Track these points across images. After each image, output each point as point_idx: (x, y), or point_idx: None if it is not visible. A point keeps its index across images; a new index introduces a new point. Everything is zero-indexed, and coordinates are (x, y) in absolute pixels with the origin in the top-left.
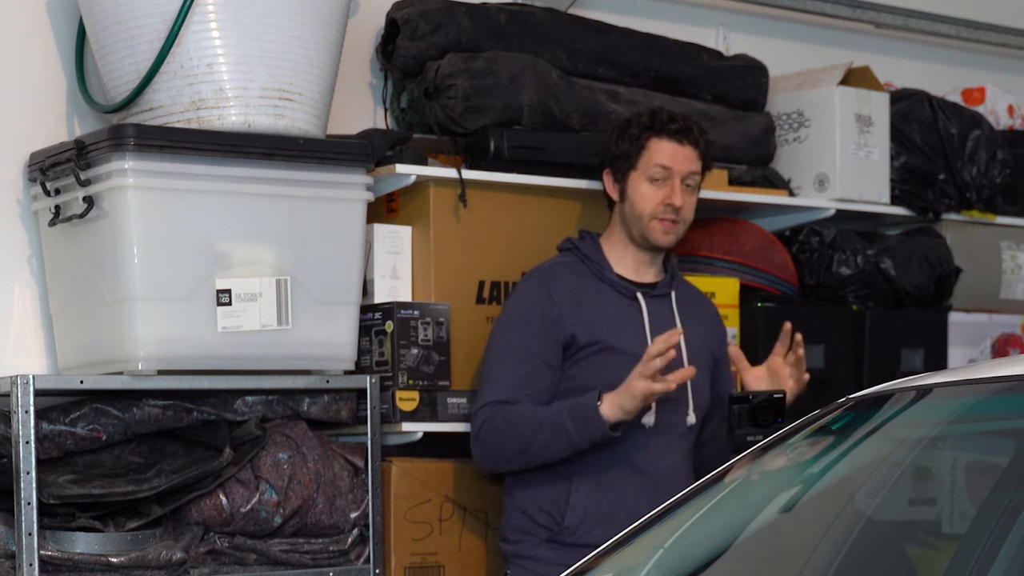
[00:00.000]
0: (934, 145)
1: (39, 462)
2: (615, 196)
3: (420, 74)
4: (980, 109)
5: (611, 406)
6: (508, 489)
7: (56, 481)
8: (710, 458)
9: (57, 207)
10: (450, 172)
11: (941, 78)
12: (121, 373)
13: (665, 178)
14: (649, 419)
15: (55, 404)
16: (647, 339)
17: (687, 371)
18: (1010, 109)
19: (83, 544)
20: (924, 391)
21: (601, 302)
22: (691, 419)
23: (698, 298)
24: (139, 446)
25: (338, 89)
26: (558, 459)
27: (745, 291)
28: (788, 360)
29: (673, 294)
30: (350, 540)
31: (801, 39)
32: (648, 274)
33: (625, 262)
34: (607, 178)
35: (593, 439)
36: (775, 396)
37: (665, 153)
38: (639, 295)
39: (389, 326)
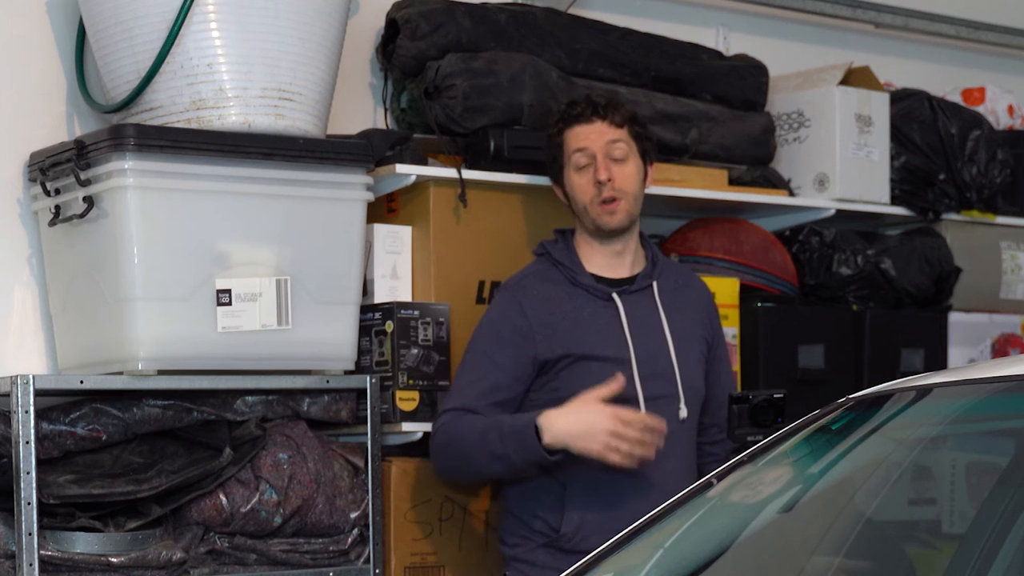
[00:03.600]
0: (934, 145)
1: (39, 462)
2: (564, 200)
3: (420, 74)
4: (980, 109)
5: (556, 438)
6: (502, 495)
7: (56, 481)
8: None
9: (57, 207)
10: (450, 172)
11: (941, 78)
12: (121, 373)
13: (588, 162)
14: None
15: (55, 404)
16: (627, 341)
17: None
18: (1010, 109)
19: (83, 544)
20: (924, 391)
21: (575, 309)
22: (683, 413)
23: (686, 283)
24: (139, 446)
25: (338, 89)
26: (505, 476)
27: (745, 291)
28: None
29: (655, 285)
30: (350, 540)
31: (801, 39)
32: (623, 267)
33: (597, 259)
34: (556, 190)
35: (531, 461)
36: (775, 396)
37: (578, 138)
38: (615, 295)
39: (389, 326)
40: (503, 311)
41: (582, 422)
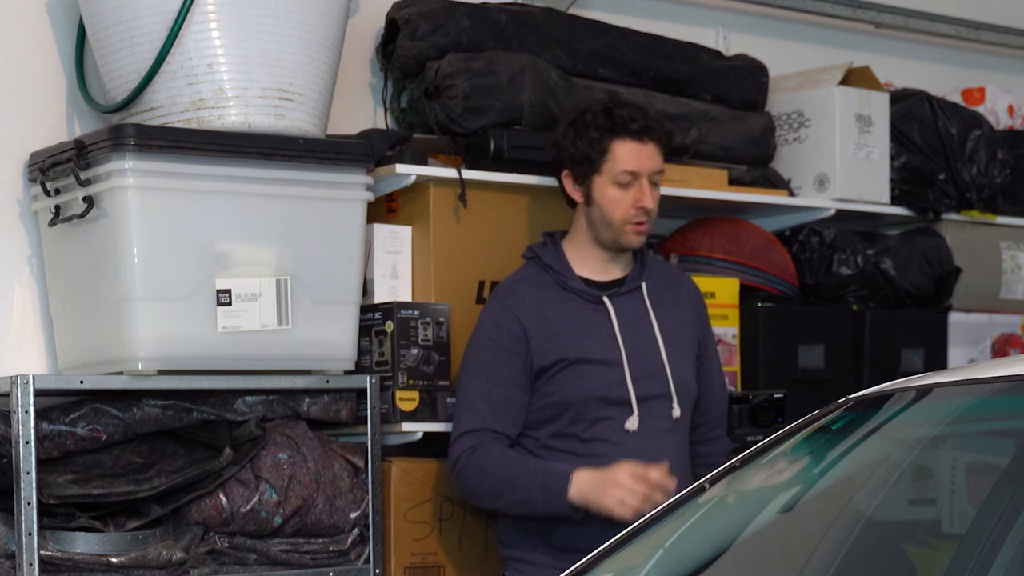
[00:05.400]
0: (934, 145)
1: (39, 462)
2: (579, 199)
3: (420, 74)
4: (980, 109)
5: (580, 492)
6: None
7: (56, 481)
8: (715, 458)
9: (57, 207)
10: (450, 172)
11: (941, 78)
12: (121, 373)
13: (632, 181)
14: (632, 423)
15: (55, 404)
16: (618, 343)
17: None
18: (1010, 109)
19: (83, 544)
20: (924, 391)
21: (566, 314)
22: (676, 412)
23: (674, 282)
24: (139, 446)
25: (338, 89)
26: (528, 515)
27: (745, 291)
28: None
29: (644, 286)
30: (350, 540)
31: (801, 39)
32: (615, 270)
33: (590, 263)
34: (567, 181)
35: (557, 514)
36: (775, 396)
37: (630, 156)
38: (605, 298)
39: (389, 326)
40: (498, 319)
41: (601, 476)
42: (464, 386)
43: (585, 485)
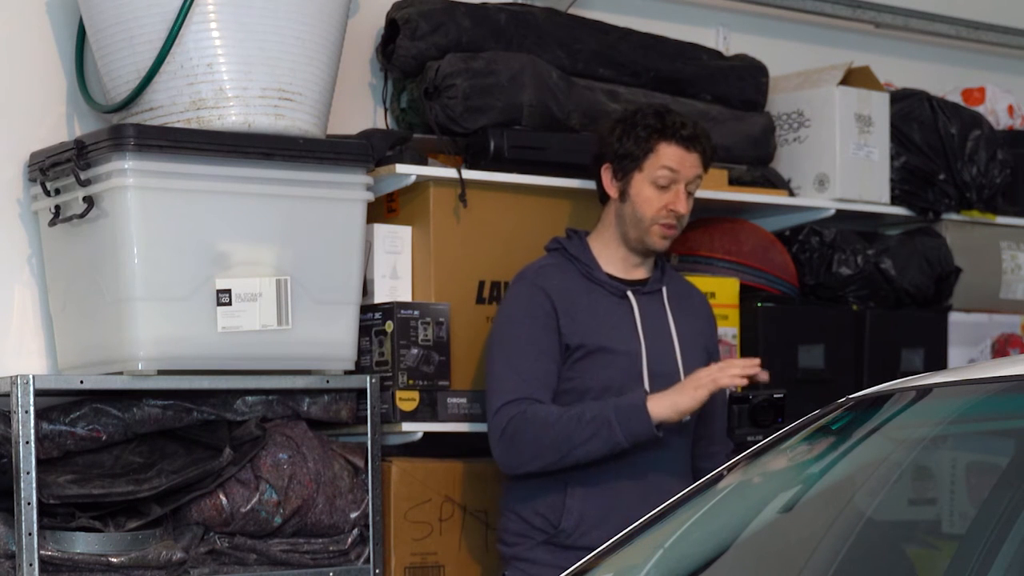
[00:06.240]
0: (934, 145)
1: (39, 462)
2: (614, 194)
3: (420, 74)
4: (980, 109)
5: (660, 405)
6: (504, 493)
7: (56, 481)
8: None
9: (57, 207)
10: (450, 172)
11: (941, 78)
12: (121, 373)
13: (670, 183)
14: None
15: (55, 404)
16: (639, 337)
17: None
18: (1010, 109)
19: (83, 544)
20: (924, 391)
21: (592, 303)
22: (686, 416)
23: (689, 292)
24: (139, 446)
25: (338, 89)
26: (596, 458)
27: (745, 291)
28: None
29: (664, 289)
30: (350, 540)
31: (801, 39)
32: (638, 271)
33: (615, 261)
34: (606, 174)
35: (637, 438)
36: (775, 396)
37: (673, 159)
38: (629, 293)
39: (389, 326)
40: (532, 296)
41: (680, 384)
42: (501, 362)
43: (661, 394)
